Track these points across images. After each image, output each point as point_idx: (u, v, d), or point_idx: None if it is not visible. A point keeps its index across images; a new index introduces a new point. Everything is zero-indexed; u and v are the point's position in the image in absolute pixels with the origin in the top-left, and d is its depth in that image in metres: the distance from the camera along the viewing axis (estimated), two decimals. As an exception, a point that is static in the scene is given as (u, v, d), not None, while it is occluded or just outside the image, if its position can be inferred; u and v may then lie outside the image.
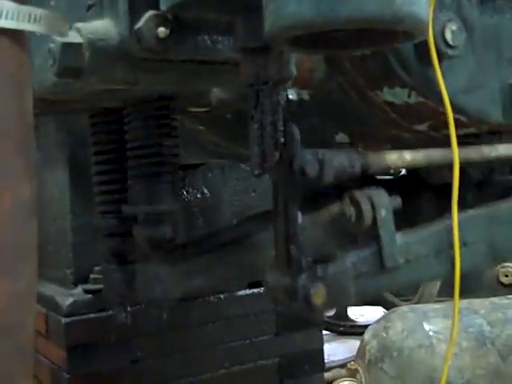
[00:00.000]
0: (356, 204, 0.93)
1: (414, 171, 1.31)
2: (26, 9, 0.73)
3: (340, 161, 0.89)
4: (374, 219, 0.93)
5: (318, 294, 0.84)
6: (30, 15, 0.72)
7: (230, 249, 1.28)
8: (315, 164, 0.85)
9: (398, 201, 0.97)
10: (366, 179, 0.99)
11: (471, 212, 1.05)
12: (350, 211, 0.93)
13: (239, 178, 2.04)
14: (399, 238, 0.97)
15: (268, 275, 0.90)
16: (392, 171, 1.21)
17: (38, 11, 0.74)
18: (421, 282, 1.97)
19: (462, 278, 1.01)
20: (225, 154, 1.59)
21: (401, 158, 0.99)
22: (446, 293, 3.09)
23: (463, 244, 1.01)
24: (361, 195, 0.93)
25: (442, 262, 1.01)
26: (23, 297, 0.79)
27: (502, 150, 1.09)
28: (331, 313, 3.85)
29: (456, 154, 0.98)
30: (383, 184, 0.99)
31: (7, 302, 0.76)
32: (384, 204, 0.94)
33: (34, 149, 0.81)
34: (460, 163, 0.98)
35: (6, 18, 0.72)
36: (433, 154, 1.02)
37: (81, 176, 1.75)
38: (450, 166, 0.99)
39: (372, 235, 0.94)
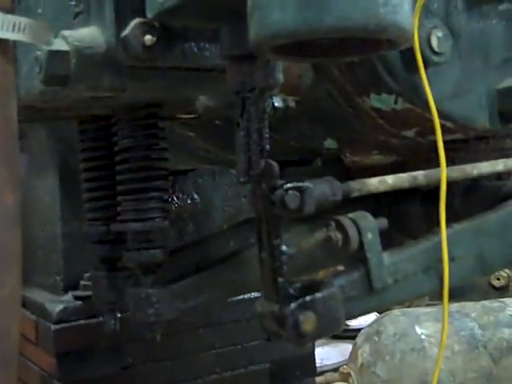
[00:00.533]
0: (342, 229, 0.93)
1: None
2: (10, 18, 0.73)
3: (321, 190, 0.88)
4: (361, 243, 0.93)
5: (308, 321, 0.83)
6: (14, 24, 0.72)
7: (221, 267, 1.27)
8: (296, 195, 0.84)
9: (383, 222, 0.97)
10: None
11: (458, 226, 1.05)
12: (337, 236, 0.93)
13: (230, 183, 2.04)
14: (386, 258, 0.97)
15: (257, 304, 0.89)
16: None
17: (23, 20, 0.74)
18: (410, 299, 1.97)
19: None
20: (215, 159, 1.59)
21: (382, 183, 0.99)
22: (437, 296, 3.09)
23: (451, 259, 1.00)
24: (346, 220, 0.94)
25: (430, 279, 1.01)
26: (7, 304, 0.78)
27: (485, 168, 1.09)
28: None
29: (443, 158, 0.98)
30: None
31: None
32: (369, 227, 0.95)
33: (18, 157, 0.81)
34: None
35: (-9, 27, 0.72)
36: (416, 177, 1.02)
37: (71, 182, 1.73)
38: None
39: (359, 258, 0.95)
